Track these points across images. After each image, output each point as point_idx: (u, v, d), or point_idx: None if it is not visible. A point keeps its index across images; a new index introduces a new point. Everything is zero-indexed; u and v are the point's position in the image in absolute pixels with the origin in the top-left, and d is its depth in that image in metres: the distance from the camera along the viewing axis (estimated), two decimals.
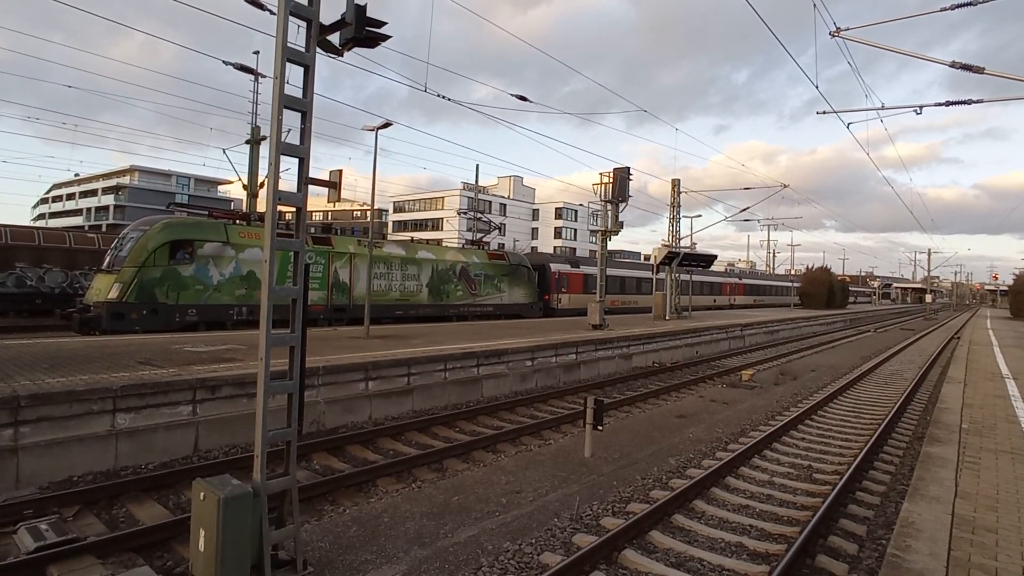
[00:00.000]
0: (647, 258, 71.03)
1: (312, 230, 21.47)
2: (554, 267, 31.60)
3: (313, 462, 8.30)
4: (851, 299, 77.45)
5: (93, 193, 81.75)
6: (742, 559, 5.61)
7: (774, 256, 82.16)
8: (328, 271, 20.17)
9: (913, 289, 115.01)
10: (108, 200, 78.56)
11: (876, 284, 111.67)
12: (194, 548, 4.48)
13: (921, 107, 13.40)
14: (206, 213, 19.07)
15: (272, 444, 4.70)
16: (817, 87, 14.13)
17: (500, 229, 70.32)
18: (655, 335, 20.28)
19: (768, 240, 77.62)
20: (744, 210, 32.60)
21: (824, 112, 15.67)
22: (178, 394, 8.30)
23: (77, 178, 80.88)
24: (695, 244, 36.37)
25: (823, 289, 59.93)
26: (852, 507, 7.03)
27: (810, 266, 68.69)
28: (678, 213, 31.65)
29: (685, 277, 33.27)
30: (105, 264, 17.15)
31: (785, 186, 30.70)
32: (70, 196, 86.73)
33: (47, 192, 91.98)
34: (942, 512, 5.17)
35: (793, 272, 77.99)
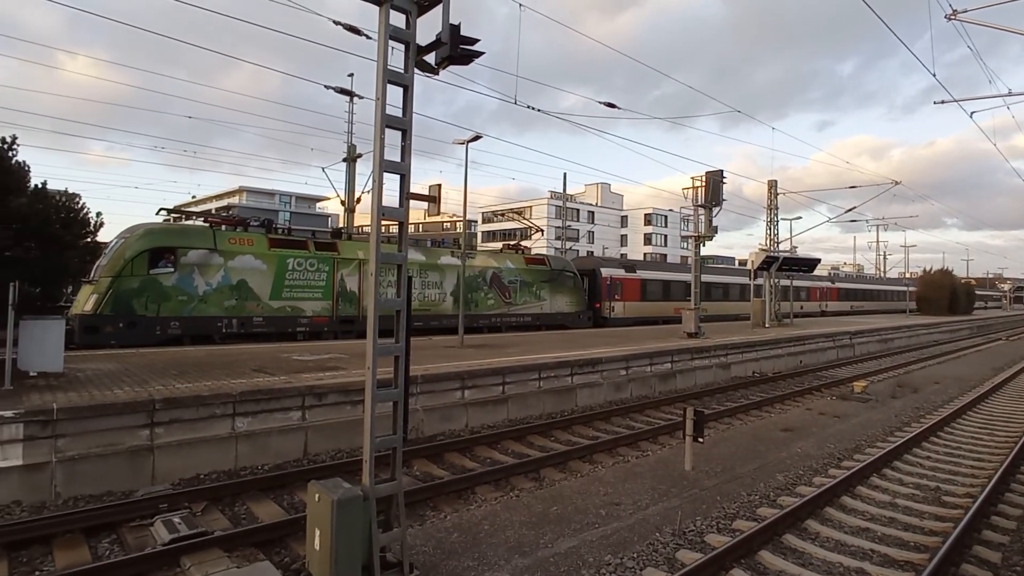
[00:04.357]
0: (742, 263, 68.04)
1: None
2: (605, 272, 28.88)
3: (413, 468, 8.55)
4: (980, 304, 70.44)
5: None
6: None
7: (885, 258, 76.13)
8: (332, 279, 18.39)
9: None
10: None
11: (1007, 287, 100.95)
12: (310, 546, 4.73)
13: None
14: (203, 220, 17.82)
15: (377, 450, 4.88)
16: (934, 75, 13.10)
17: (589, 237, 69.96)
18: (754, 343, 19.37)
19: (877, 241, 71.65)
20: (850, 210, 30.38)
21: (943, 101, 14.51)
22: (289, 400, 8.84)
23: (193, 200, 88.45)
24: (795, 248, 34.49)
25: (944, 293, 54.71)
26: (986, 532, 6.37)
27: (927, 268, 63.12)
28: (776, 215, 30.18)
29: (785, 282, 31.45)
30: (90, 275, 15.93)
31: (897, 183, 28.46)
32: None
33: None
34: None
35: (908, 275, 71.96)
